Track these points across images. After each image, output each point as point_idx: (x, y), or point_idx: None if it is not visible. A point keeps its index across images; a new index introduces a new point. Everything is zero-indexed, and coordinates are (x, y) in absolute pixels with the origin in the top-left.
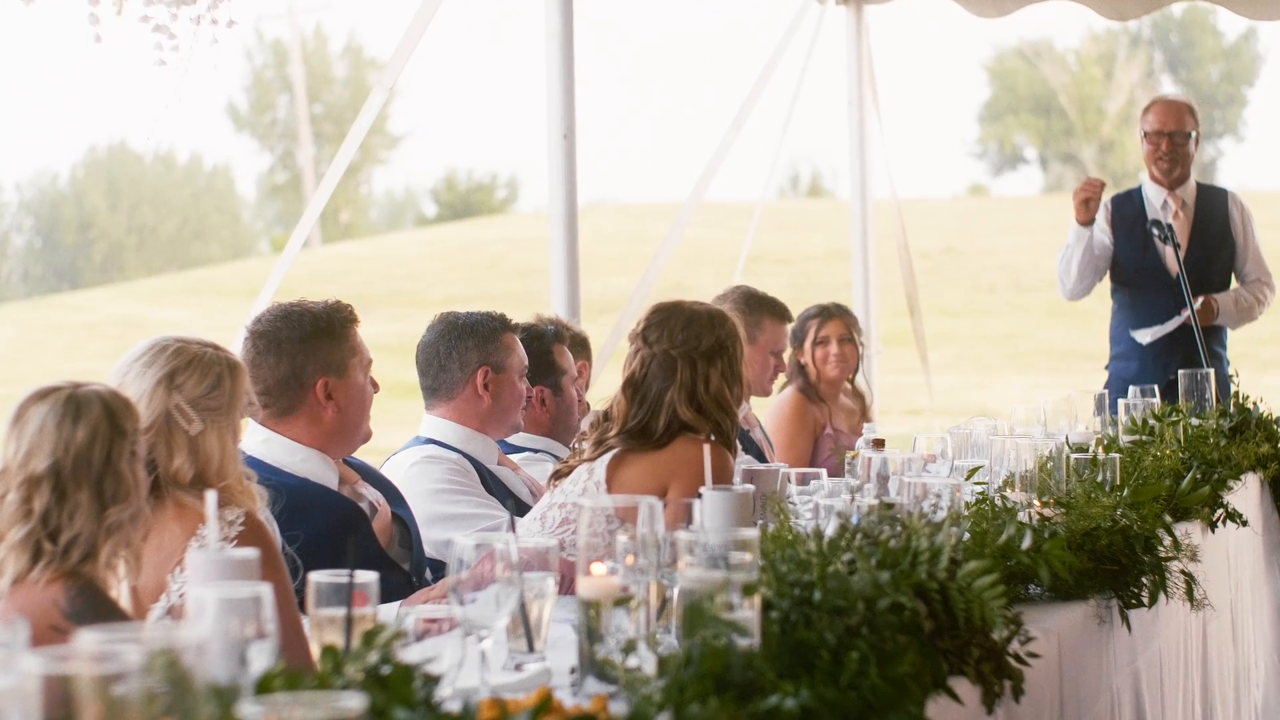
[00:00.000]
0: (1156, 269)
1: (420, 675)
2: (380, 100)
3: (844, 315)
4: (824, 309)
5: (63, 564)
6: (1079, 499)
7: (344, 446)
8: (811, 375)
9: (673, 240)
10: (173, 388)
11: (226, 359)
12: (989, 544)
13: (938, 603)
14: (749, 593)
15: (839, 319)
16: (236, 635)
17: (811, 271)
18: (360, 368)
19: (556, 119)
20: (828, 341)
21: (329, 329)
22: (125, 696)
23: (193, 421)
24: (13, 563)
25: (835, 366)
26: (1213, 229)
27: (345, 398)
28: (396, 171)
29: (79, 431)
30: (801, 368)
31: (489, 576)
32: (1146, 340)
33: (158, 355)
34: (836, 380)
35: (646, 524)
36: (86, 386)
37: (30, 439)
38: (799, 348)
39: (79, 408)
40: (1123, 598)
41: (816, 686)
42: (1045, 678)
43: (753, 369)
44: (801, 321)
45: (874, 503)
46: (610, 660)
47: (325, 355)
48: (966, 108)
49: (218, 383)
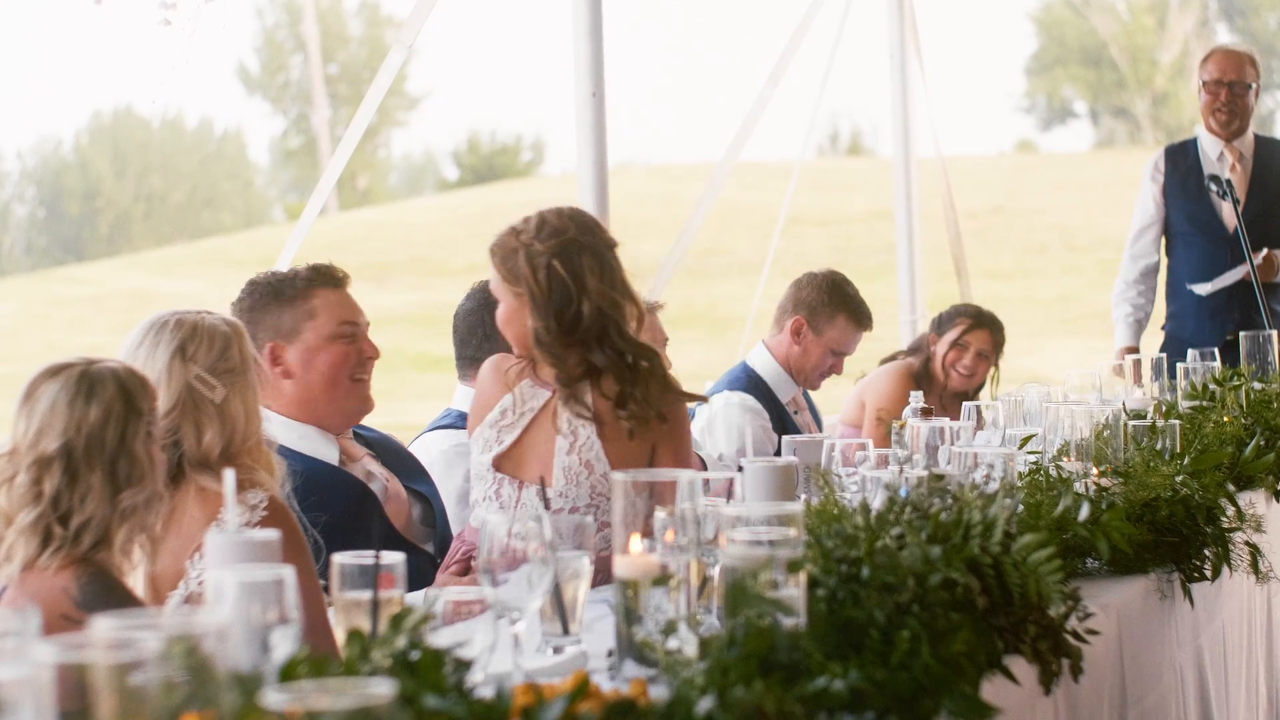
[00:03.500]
0: (1212, 222)
1: (451, 660)
2: (399, 59)
3: (996, 332)
4: (982, 315)
5: (74, 549)
6: (1138, 468)
7: (330, 419)
8: (935, 371)
9: (707, 202)
10: (187, 360)
11: (226, 320)
12: (1044, 516)
13: (991, 578)
14: (794, 570)
15: (989, 331)
16: (258, 620)
17: (852, 233)
18: (319, 331)
19: (584, 76)
20: (966, 348)
21: (277, 292)
22: (143, 686)
23: (215, 388)
24: (22, 547)
25: (959, 378)
26: (1271, 182)
27: (298, 363)
28: (416, 134)
29: (92, 410)
30: (929, 356)
31: (521, 556)
32: (1206, 292)
33: (160, 332)
34: (956, 389)
35: (686, 498)
36: (100, 363)
37: (41, 418)
38: (937, 334)
39: (92, 385)
40: (1184, 571)
41: (866, 667)
42: (1105, 656)
43: (810, 359)
44: (953, 314)
45: (923, 474)
46: (649, 642)
47: (273, 320)
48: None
49: (227, 344)
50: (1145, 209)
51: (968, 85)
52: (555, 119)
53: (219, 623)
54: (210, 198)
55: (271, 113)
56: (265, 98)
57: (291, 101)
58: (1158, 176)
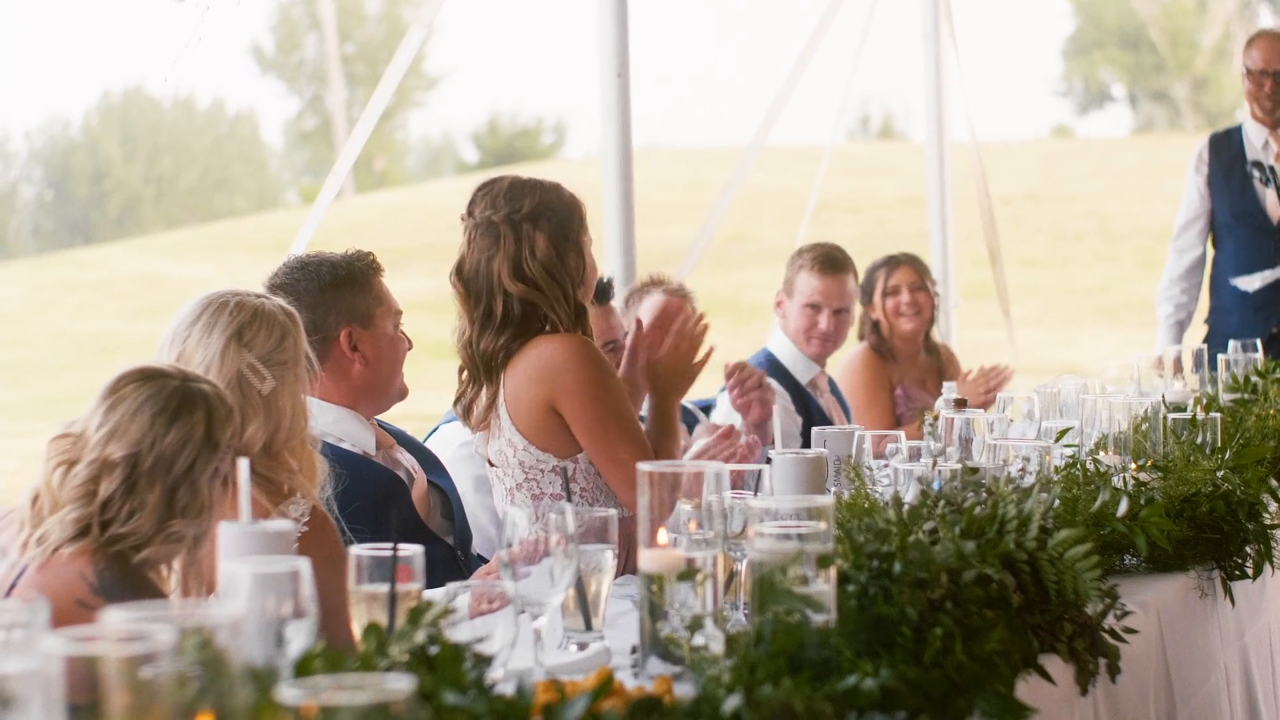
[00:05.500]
0: (1256, 213)
1: (470, 655)
2: (418, 38)
3: (913, 262)
4: (891, 257)
5: (101, 545)
6: (1177, 462)
7: (375, 404)
8: (885, 331)
9: (734, 187)
10: (243, 345)
11: (284, 308)
12: (1081, 511)
13: (1027, 575)
14: (824, 565)
15: (908, 265)
16: (273, 614)
17: (884, 219)
18: (388, 317)
19: (609, 56)
20: (898, 290)
21: (350, 277)
22: (155, 679)
23: (265, 379)
24: (56, 534)
25: (910, 319)
26: None
27: (373, 350)
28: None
29: (172, 431)
30: (875, 325)
31: (543, 549)
32: (1254, 287)
33: (219, 312)
34: (911, 335)
35: (712, 489)
36: (195, 383)
37: (118, 420)
38: (869, 303)
39: (180, 406)
40: (1225, 568)
41: (897, 665)
42: (1146, 655)
43: (792, 324)
44: (868, 274)
45: (957, 467)
46: (674, 638)
47: (348, 304)
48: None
49: (284, 335)
50: (1190, 201)
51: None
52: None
53: (233, 616)
54: (222, 180)
55: (286, 93)
56: (280, 77)
57: (306, 81)
58: (1202, 167)
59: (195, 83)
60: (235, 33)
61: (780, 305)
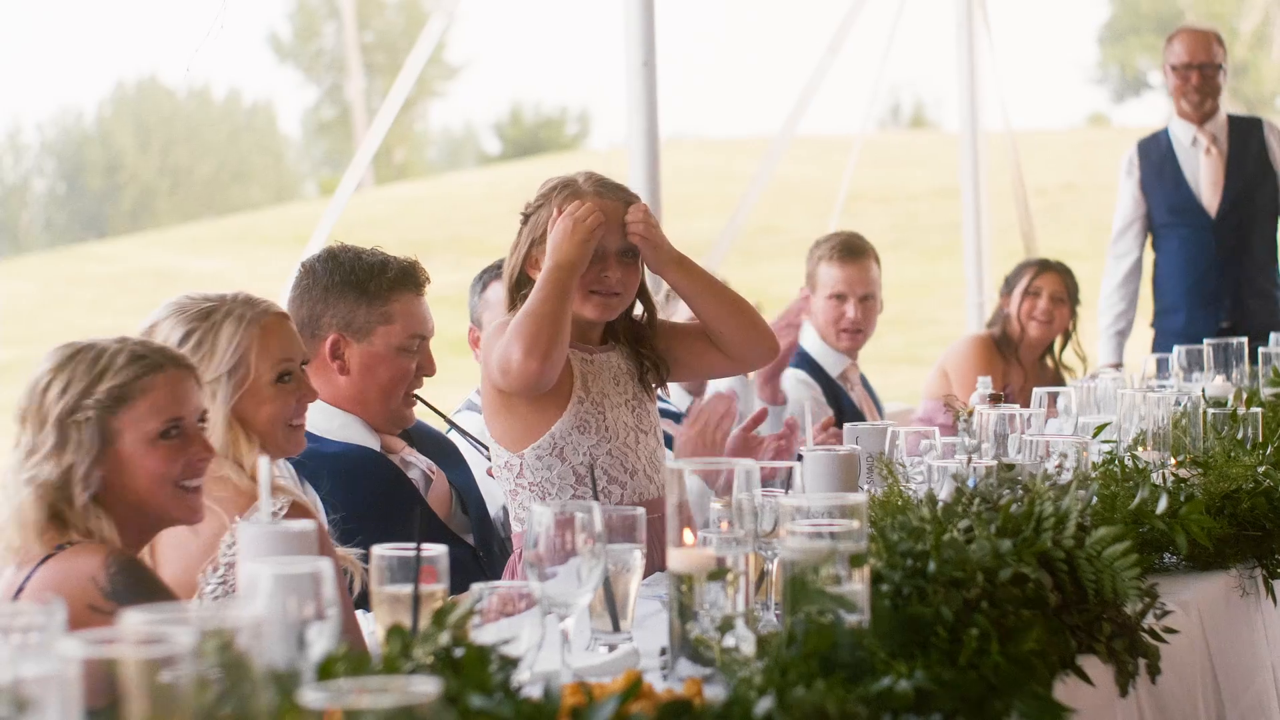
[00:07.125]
0: (1193, 208)
1: (496, 658)
2: (440, 26)
3: (1064, 274)
4: (1045, 260)
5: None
6: (1218, 458)
7: (373, 421)
8: (1013, 330)
9: (763, 178)
10: None
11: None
12: (1119, 508)
13: (1064, 573)
14: (857, 564)
15: (1057, 274)
16: (294, 615)
17: (916, 211)
18: (392, 337)
19: (636, 45)
20: (1039, 294)
21: (360, 283)
22: (175, 683)
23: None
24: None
25: (1040, 325)
26: (1249, 162)
27: (359, 364)
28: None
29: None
30: (1005, 317)
31: (570, 549)
32: None
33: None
34: (1036, 342)
35: (743, 487)
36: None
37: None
38: (1007, 294)
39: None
40: (1267, 566)
41: (932, 666)
42: (1190, 656)
43: (819, 317)
44: (1018, 268)
45: (993, 463)
46: (705, 639)
47: (346, 311)
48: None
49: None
50: (1125, 207)
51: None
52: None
53: (254, 618)
54: (239, 172)
55: (304, 83)
56: (297, 67)
57: (325, 71)
58: (1134, 171)
59: (211, 72)
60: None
61: (807, 300)
